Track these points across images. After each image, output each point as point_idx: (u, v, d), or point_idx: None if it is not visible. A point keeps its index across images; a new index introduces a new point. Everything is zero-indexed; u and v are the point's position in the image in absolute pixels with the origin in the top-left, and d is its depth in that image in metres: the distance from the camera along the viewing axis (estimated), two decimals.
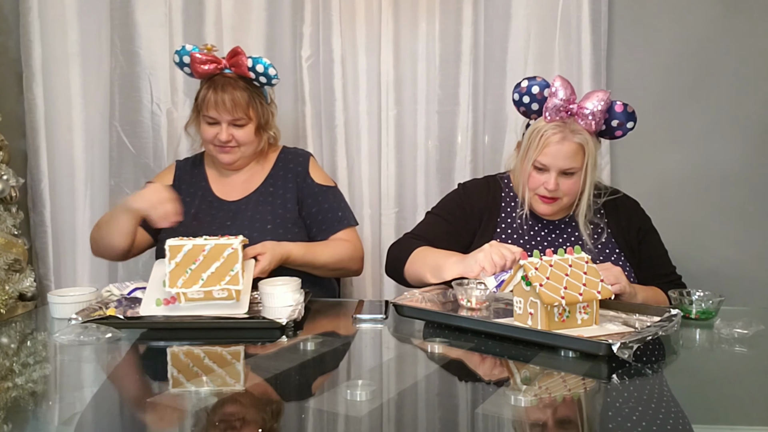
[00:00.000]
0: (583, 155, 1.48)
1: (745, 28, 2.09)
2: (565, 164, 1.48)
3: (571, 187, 1.51)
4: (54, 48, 2.14)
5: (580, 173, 1.50)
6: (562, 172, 1.50)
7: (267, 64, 1.62)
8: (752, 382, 1.04)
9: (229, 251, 1.27)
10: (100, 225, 1.65)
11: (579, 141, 1.47)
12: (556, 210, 1.57)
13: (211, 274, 1.26)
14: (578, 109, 1.47)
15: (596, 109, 1.46)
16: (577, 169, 1.49)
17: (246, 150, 1.70)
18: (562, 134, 1.47)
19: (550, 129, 1.48)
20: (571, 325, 1.14)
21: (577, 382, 0.99)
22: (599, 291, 1.15)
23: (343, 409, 0.88)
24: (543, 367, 1.04)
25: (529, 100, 1.54)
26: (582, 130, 1.48)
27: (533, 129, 1.52)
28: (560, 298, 1.10)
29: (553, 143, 1.47)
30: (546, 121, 1.49)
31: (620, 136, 1.56)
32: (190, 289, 1.26)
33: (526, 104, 1.55)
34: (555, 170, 1.49)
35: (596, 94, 1.49)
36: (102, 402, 0.93)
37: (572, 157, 1.48)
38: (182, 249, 1.27)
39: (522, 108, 1.57)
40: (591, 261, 1.20)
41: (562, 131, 1.47)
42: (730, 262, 2.13)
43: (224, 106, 1.62)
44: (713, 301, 1.29)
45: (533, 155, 1.50)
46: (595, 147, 1.51)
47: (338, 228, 1.71)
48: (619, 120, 1.52)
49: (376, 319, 1.33)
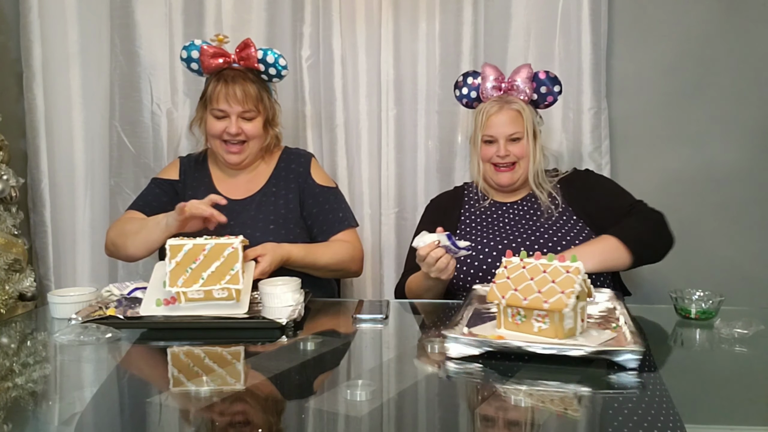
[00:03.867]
0: (522, 120, 1.69)
1: (745, 28, 2.09)
2: (509, 130, 1.68)
3: (520, 150, 1.69)
4: (54, 48, 2.14)
5: (525, 138, 1.69)
6: (509, 139, 1.68)
7: (277, 55, 1.64)
8: (752, 382, 1.04)
9: (230, 251, 1.27)
10: (126, 233, 1.61)
11: (516, 108, 1.69)
12: (515, 179, 1.71)
13: (211, 274, 1.26)
14: (509, 84, 1.72)
15: (523, 80, 1.71)
16: (521, 133, 1.69)
17: (253, 146, 1.70)
18: (499, 105, 1.70)
19: (488, 105, 1.71)
20: (527, 330, 1.07)
21: (576, 382, 0.99)
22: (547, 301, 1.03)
23: (343, 409, 0.88)
24: (543, 367, 1.04)
25: (467, 91, 1.78)
26: (516, 100, 1.71)
27: (476, 111, 1.75)
28: (501, 297, 1.07)
29: (493, 114, 1.69)
30: (484, 101, 1.74)
31: (552, 102, 1.77)
32: (190, 288, 1.26)
33: (466, 95, 1.79)
34: (502, 138, 1.68)
35: (521, 68, 1.73)
36: (102, 402, 0.93)
37: (513, 123, 1.68)
38: (183, 248, 1.27)
39: (465, 100, 1.81)
40: (580, 271, 1.06)
41: (498, 103, 1.70)
42: (730, 262, 2.13)
43: (235, 97, 1.62)
44: (713, 301, 1.29)
45: (480, 132, 1.71)
46: (531, 114, 1.72)
47: (339, 229, 1.71)
48: (546, 86, 1.73)
49: (376, 319, 1.33)
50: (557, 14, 2.10)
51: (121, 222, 1.68)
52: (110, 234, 1.67)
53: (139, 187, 2.16)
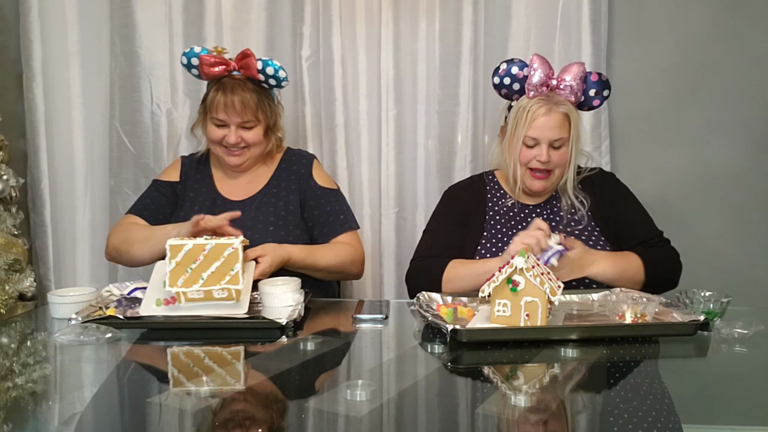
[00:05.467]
0: (569, 125, 1.56)
1: (745, 28, 2.09)
2: (554, 135, 1.55)
3: (561, 158, 1.58)
4: (54, 48, 2.14)
5: (567, 144, 1.57)
6: (551, 145, 1.56)
7: (277, 67, 1.62)
8: (752, 382, 1.04)
9: (230, 251, 1.27)
10: (131, 241, 1.60)
11: (564, 111, 1.55)
12: (548, 186, 1.62)
13: (211, 274, 1.26)
14: (559, 82, 1.56)
15: (575, 79, 1.56)
16: (565, 140, 1.56)
17: (254, 152, 1.70)
18: (548, 107, 1.54)
19: (535, 103, 1.55)
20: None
21: (576, 382, 0.99)
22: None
23: (343, 409, 0.88)
24: (543, 367, 1.04)
25: (509, 81, 1.61)
26: (565, 101, 1.56)
27: (518, 107, 1.58)
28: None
29: (540, 116, 1.54)
30: (529, 97, 1.57)
31: (598, 105, 1.64)
32: (190, 288, 1.26)
33: (507, 86, 1.61)
34: (545, 142, 1.55)
35: (573, 66, 1.58)
36: (102, 402, 0.93)
37: (560, 128, 1.55)
38: (183, 248, 1.27)
39: (504, 90, 1.63)
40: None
41: (547, 104, 1.55)
42: (731, 262, 2.13)
43: (233, 108, 1.61)
44: (720, 302, 1.28)
45: (522, 132, 1.56)
46: (577, 117, 1.59)
47: (340, 231, 1.70)
48: (595, 89, 1.60)
49: (376, 319, 1.33)
50: (557, 14, 2.10)
51: (123, 228, 1.67)
52: (113, 240, 1.65)
53: (139, 186, 2.16)
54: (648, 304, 1.27)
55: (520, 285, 1.15)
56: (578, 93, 1.57)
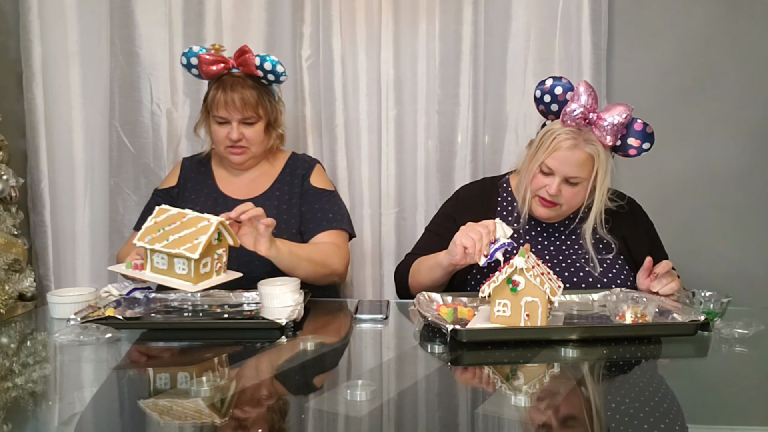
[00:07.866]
0: (591, 166, 1.45)
1: (745, 28, 2.09)
2: (571, 172, 1.45)
3: (572, 196, 1.49)
4: (54, 48, 2.14)
5: (584, 184, 1.47)
6: (566, 180, 1.47)
7: (275, 62, 1.63)
8: (752, 382, 1.04)
9: (204, 224, 1.28)
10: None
11: (590, 151, 1.43)
12: (553, 216, 1.56)
13: (178, 238, 1.26)
14: (597, 119, 1.43)
15: (615, 122, 1.41)
16: (582, 179, 1.46)
17: (256, 149, 1.70)
18: (575, 141, 1.43)
19: (563, 133, 1.44)
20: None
21: (576, 382, 0.99)
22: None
23: (343, 409, 0.88)
24: (543, 367, 1.04)
25: (550, 100, 1.48)
26: (596, 141, 1.44)
27: (547, 129, 1.48)
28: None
29: (563, 148, 1.44)
30: (562, 124, 1.45)
31: (634, 155, 1.49)
32: (153, 245, 1.27)
33: (546, 103, 1.50)
34: (560, 176, 1.46)
35: (618, 107, 1.43)
36: (102, 402, 0.93)
37: (580, 166, 1.44)
38: (167, 212, 1.31)
39: (541, 107, 1.52)
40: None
41: (575, 138, 1.43)
42: (731, 262, 2.13)
43: (234, 105, 1.62)
44: (721, 302, 1.29)
45: (541, 156, 1.47)
46: (606, 160, 1.45)
47: (326, 227, 1.65)
48: (636, 138, 1.46)
49: (376, 319, 1.33)
50: (557, 14, 2.10)
51: (130, 247, 1.56)
52: (122, 259, 1.58)
53: (139, 187, 2.16)
54: (648, 304, 1.27)
55: (520, 285, 1.15)
56: (615, 136, 1.43)
